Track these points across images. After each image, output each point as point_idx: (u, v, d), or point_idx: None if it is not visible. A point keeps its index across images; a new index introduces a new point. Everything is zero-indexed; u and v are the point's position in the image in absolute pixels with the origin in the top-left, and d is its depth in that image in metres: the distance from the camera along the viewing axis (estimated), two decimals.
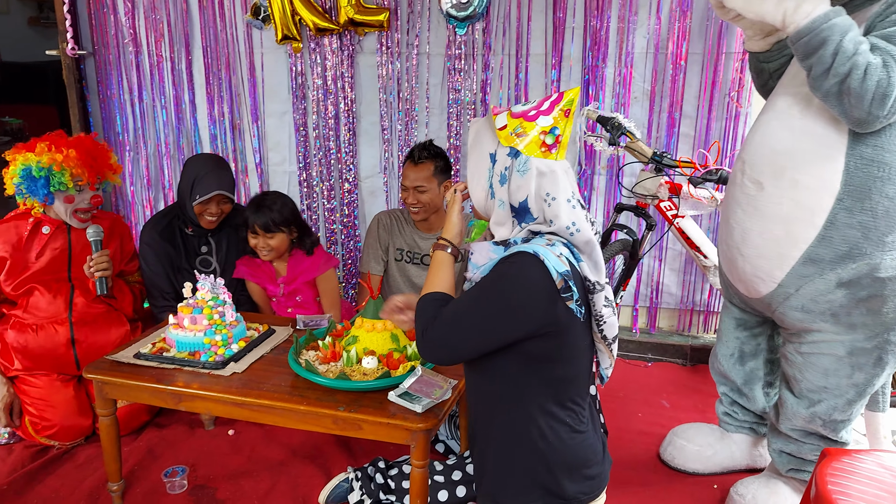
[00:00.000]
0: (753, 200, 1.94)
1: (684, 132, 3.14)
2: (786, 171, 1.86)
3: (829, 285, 1.88)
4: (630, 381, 3.14)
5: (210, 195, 2.67)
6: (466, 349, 1.48)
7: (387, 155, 3.46)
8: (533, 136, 1.45)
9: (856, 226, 1.81)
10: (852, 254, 1.84)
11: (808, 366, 2.02)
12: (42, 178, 2.49)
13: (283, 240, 2.73)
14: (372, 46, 3.33)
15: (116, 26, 3.58)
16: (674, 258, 3.33)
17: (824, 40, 1.66)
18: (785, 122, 1.88)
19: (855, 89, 1.65)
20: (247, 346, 2.27)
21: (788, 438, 2.16)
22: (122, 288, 2.77)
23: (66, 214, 2.59)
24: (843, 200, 1.81)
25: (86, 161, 2.55)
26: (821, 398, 2.03)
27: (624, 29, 3.06)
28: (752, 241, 1.97)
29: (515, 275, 1.41)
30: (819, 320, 1.94)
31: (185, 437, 2.69)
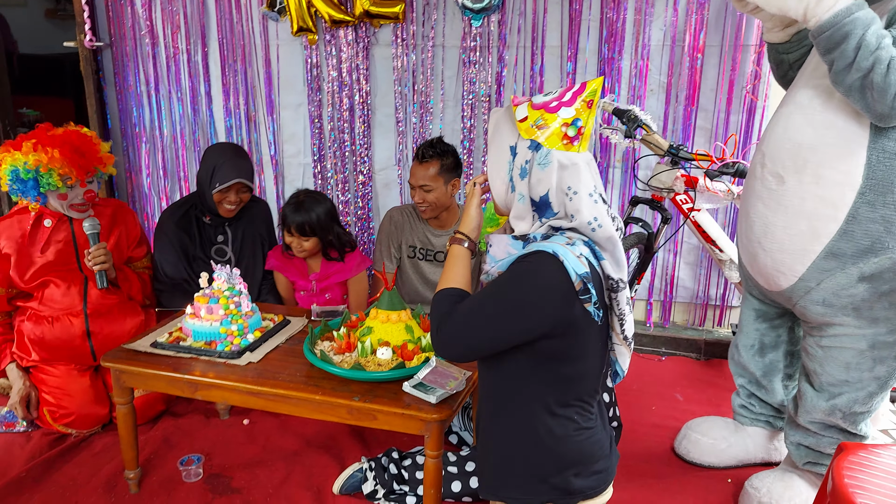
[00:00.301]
0: (775, 194, 1.94)
1: (701, 125, 3.12)
2: (808, 165, 1.85)
3: (851, 279, 1.88)
4: (644, 375, 3.13)
5: (230, 183, 2.69)
6: (480, 347, 1.47)
7: (401, 147, 3.46)
8: (554, 128, 1.43)
9: (878, 220, 1.81)
10: (874, 248, 1.83)
11: (829, 359, 2.01)
12: (30, 179, 2.47)
13: (317, 243, 2.77)
14: (387, 38, 3.33)
15: (133, 18, 3.60)
16: (689, 252, 3.31)
17: (847, 34, 1.64)
18: (807, 116, 1.87)
19: (878, 84, 1.64)
20: (262, 336, 2.28)
21: (807, 431, 2.15)
22: (128, 276, 2.76)
23: (64, 209, 2.59)
24: (865, 194, 1.80)
25: (72, 159, 2.49)
26: (841, 391, 2.02)
27: (640, 21, 3.04)
28: (774, 236, 1.97)
29: (532, 274, 1.39)
30: (841, 314, 1.94)
31: (200, 426, 2.71)
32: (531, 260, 1.41)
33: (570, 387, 1.48)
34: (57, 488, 2.36)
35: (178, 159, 3.78)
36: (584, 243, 1.45)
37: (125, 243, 2.79)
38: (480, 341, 1.46)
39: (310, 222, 2.70)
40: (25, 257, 2.60)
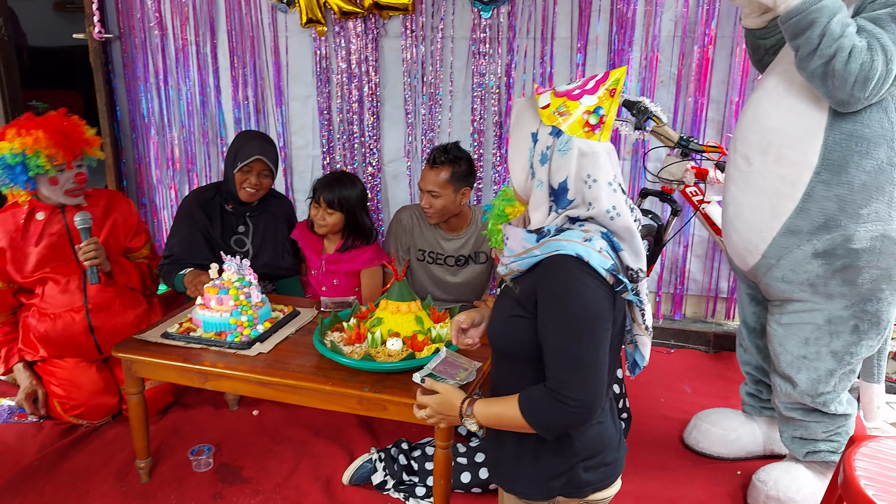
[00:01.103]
0: (744, 175, 2.02)
1: (711, 117, 3.11)
2: (772, 146, 1.94)
3: (807, 255, 1.95)
4: (653, 367, 3.12)
5: (251, 160, 2.70)
6: (602, 378, 1.41)
7: (410, 139, 3.46)
8: (577, 116, 1.42)
9: (832, 198, 1.88)
10: (828, 225, 1.91)
11: (788, 336, 2.08)
12: (18, 164, 2.45)
13: (339, 220, 2.75)
14: (396, 30, 3.32)
15: (142, 10, 3.60)
16: (698, 244, 3.30)
17: (812, 21, 1.70)
18: (773, 100, 1.95)
19: (839, 71, 1.70)
20: (272, 326, 2.29)
21: (795, 422, 2.20)
22: (125, 268, 2.73)
23: (58, 195, 2.56)
24: (820, 174, 1.87)
25: (58, 140, 2.48)
26: (799, 367, 2.08)
27: (651, 12, 3.03)
28: (742, 216, 2.05)
29: (574, 291, 1.38)
30: (798, 290, 2.01)
31: (210, 417, 2.73)
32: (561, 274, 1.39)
33: None
34: (69, 477, 2.38)
35: (187, 151, 3.78)
36: (602, 235, 1.44)
37: (121, 232, 2.75)
38: (601, 373, 1.41)
39: (340, 197, 2.71)
40: (20, 251, 2.58)
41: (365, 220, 2.81)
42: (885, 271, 1.92)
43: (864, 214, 1.87)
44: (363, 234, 2.81)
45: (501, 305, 1.59)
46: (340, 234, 2.82)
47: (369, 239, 2.83)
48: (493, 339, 1.61)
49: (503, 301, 1.59)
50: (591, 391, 1.39)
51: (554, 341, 1.41)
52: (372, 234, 2.84)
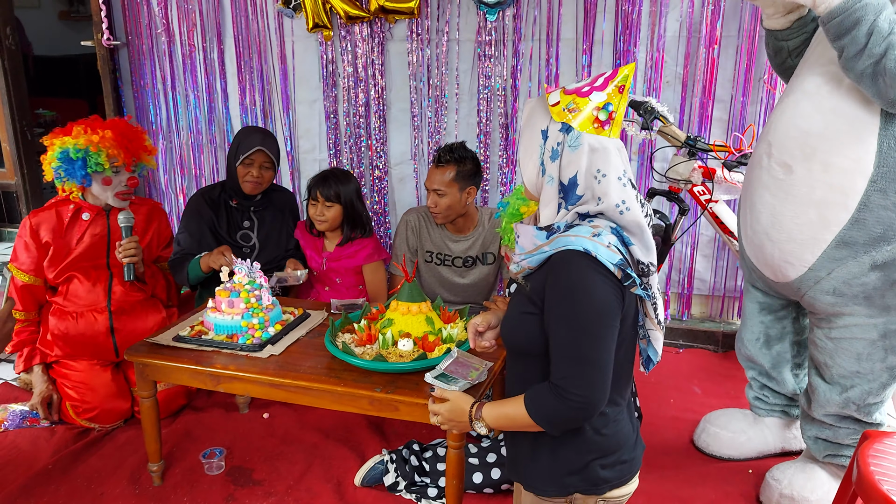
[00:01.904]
0: (783, 184, 1.92)
1: (718, 116, 3.11)
2: (817, 152, 1.84)
3: (864, 268, 1.87)
4: (662, 368, 3.12)
5: (252, 151, 2.75)
6: (605, 375, 1.41)
7: (416, 142, 3.47)
8: (587, 113, 1.43)
9: (890, 207, 1.80)
10: (887, 235, 1.82)
11: (839, 351, 2.00)
12: (79, 159, 2.52)
13: (338, 213, 2.80)
14: (402, 34, 3.33)
15: (150, 17, 3.62)
16: (705, 244, 3.30)
17: (858, 20, 1.63)
18: (815, 103, 1.85)
19: (891, 69, 1.63)
20: (283, 329, 2.30)
21: (823, 425, 2.14)
22: (155, 273, 2.81)
23: (108, 196, 2.62)
24: (876, 182, 1.79)
25: (121, 142, 2.57)
26: (854, 383, 2.00)
27: (656, 12, 3.04)
28: (782, 226, 1.94)
29: (582, 286, 1.38)
30: (852, 303, 1.92)
31: (221, 420, 2.74)
32: (570, 269, 1.40)
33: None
34: (83, 480, 2.39)
35: (195, 156, 3.80)
36: (612, 231, 1.45)
37: (156, 243, 2.83)
38: (606, 370, 1.41)
39: (336, 190, 2.77)
40: (63, 248, 2.64)
41: (362, 210, 2.87)
42: None
43: None
44: (361, 225, 2.86)
45: (515, 303, 1.60)
46: (340, 229, 2.86)
47: (367, 230, 2.88)
48: (506, 337, 1.62)
49: (516, 299, 1.60)
50: (593, 388, 1.40)
51: (559, 336, 1.42)
52: (369, 224, 2.91)
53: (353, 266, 2.86)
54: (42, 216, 2.65)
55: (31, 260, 2.64)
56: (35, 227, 2.64)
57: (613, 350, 1.43)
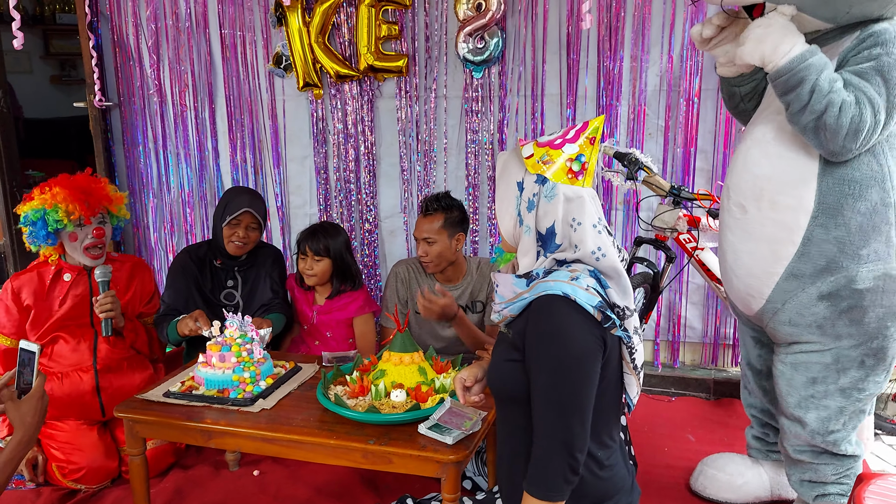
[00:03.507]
0: (740, 223, 2.05)
1: (700, 166, 3.19)
2: (765, 193, 1.97)
3: (812, 298, 1.97)
4: (654, 416, 3.12)
5: (239, 212, 2.75)
6: (586, 419, 1.44)
7: (406, 195, 3.52)
8: (560, 164, 1.48)
9: (832, 241, 1.91)
10: (830, 267, 1.93)
11: (796, 376, 2.08)
12: (39, 220, 2.51)
13: (328, 267, 2.81)
14: (391, 91, 3.42)
15: (142, 78, 3.70)
16: (694, 291, 3.33)
17: (801, 79, 1.77)
18: (763, 149, 1.99)
19: (830, 125, 1.76)
20: (274, 382, 2.28)
21: (803, 465, 2.18)
22: (136, 328, 2.75)
23: (78, 253, 2.61)
24: (817, 218, 1.91)
25: (76, 196, 2.54)
26: (808, 407, 2.07)
27: (637, 68, 3.14)
28: (742, 262, 2.08)
29: (560, 331, 1.41)
30: (806, 332, 2.02)
31: (210, 477, 2.69)
32: (549, 312, 1.42)
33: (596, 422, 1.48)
34: None
35: (185, 214, 3.83)
36: (590, 274, 1.48)
37: (138, 298, 2.81)
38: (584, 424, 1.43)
39: (325, 243, 2.78)
40: (45, 310, 2.61)
41: (352, 263, 2.88)
42: (889, 309, 1.94)
43: (863, 255, 1.91)
44: (351, 277, 2.87)
45: (499, 351, 1.62)
46: (330, 282, 2.86)
47: (356, 283, 2.89)
48: (492, 385, 1.63)
49: (500, 346, 1.62)
50: (572, 431, 1.41)
51: (538, 381, 1.44)
52: (359, 277, 2.91)
53: (344, 318, 2.86)
54: (23, 279, 2.63)
55: (13, 323, 2.62)
56: (17, 290, 2.61)
57: (593, 394, 1.44)
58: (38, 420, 1.76)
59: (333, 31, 3.38)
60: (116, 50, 3.71)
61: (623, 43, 3.13)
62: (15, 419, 1.73)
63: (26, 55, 7.05)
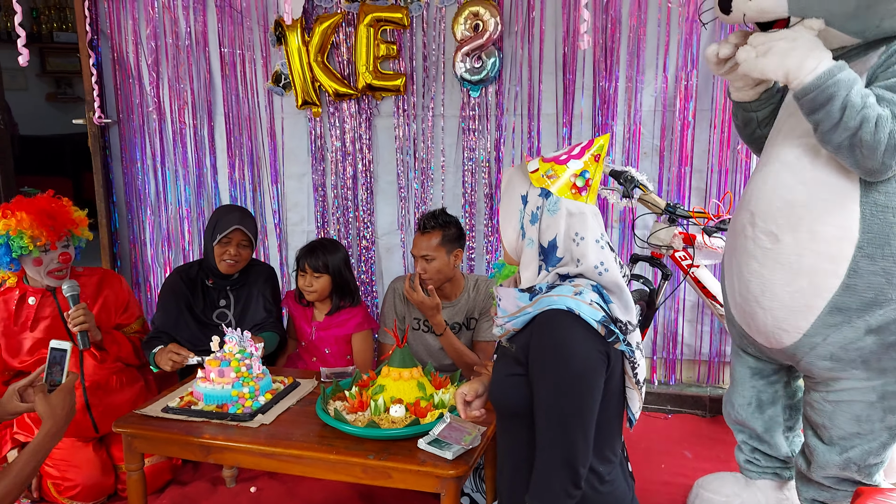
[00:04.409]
0: (771, 253, 1.94)
1: (695, 185, 3.22)
2: (803, 221, 1.87)
3: (859, 333, 1.88)
4: (651, 433, 3.12)
5: (230, 230, 2.75)
6: (588, 434, 1.45)
7: (403, 212, 3.55)
8: (565, 179, 1.50)
9: (879, 272, 1.82)
10: (878, 300, 1.84)
11: (838, 413, 1.99)
12: (2, 246, 2.48)
13: (327, 283, 2.81)
14: (389, 109, 3.45)
15: (141, 96, 3.73)
16: (689, 309, 3.35)
17: (831, 96, 1.69)
18: (796, 174, 1.89)
19: (867, 141, 1.68)
20: (273, 398, 2.29)
21: (821, 487, 2.12)
22: (116, 339, 2.71)
23: (41, 276, 2.57)
24: (863, 248, 1.82)
25: (41, 221, 2.50)
26: (854, 444, 2.00)
27: (632, 88, 3.18)
28: (774, 294, 1.96)
29: (565, 346, 1.42)
30: (849, 368, 1.93)
31: (207, 494, 2.68)
32: (553, 327, 1.44)
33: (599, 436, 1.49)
34: None
35: (182, 231, 3.84)
36: (593, 289, 1.50)
37: (112, 307, 2.76)
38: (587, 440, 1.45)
39: (324, 260, 2.79)
40: (14, 338, 2.58)
41: (350, 279, 2.89)
42: None
43: None
44: (350, 293, 2.87)
45: (500, 366, 1.63)
46: (329, 298, 2.86)
47: (355, 299, 2.89)
48: (494, 399, 1.64)
49: (502, 361, 1.63)
50: (574, 446, 1.42)
51: (541, 395, 1.45)
52: (358, 294, 2.92)
53: (343, 335, 2.86)
54: None
55: None
56: None
57: (596, 409, 1.45)
58: (68, 413, 1.85)
59: (332, 51, 3.42)
60: (116, 67, 3.73)
61: (619, 64, 3.17)
62: (45, 411, 1.81)
63: (22, 73, 7.09)
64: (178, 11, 3.58)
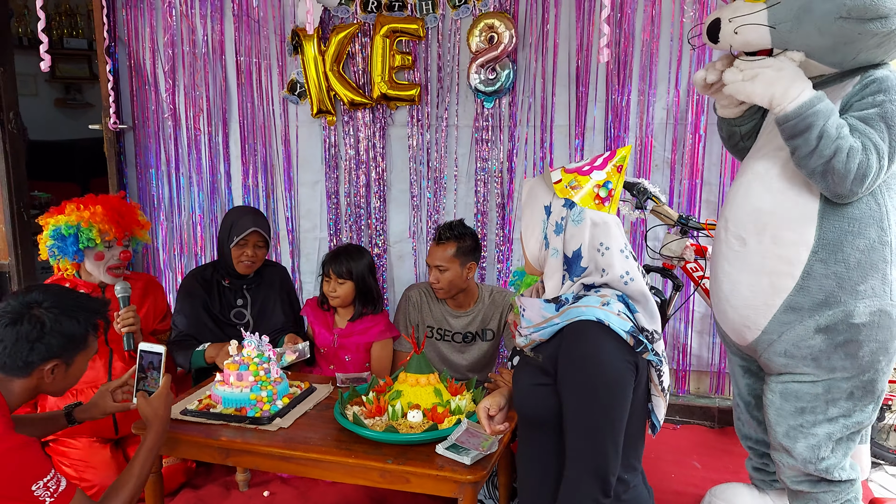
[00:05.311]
0: (739, 255, 2.09)
1: (706, 199, 3.26)
2: (767, 227, 2.02)
3: (809, 331, 2.00)
4: (660, 443, 3.14)
5: (247, 233, 2.79)
6: (619, 443, 1.47)
7: (416, 220, 3.58)
8: (588, 189, 1.53)
9: (831, 276, 1.95)
10: (829, 301, 1.97)
11: (784, 406, 2.11)
12: (71, 236, 2.56)
13: (350, 290, 2.82)
14: (403, 119, 3.49)
15: (157, 102, 3.76)
16: (699, 320, 3.38)
17: (810, 125, 1.82)
18: (765, 184, 2.04)
19: (839, 170, 1.82)
20: (291, 402, 2.31)
21: (803, 495, 2.19)
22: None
23: (100, 272, 2.65)
24: (817, 253, 1.95)
25: (112, 217, 2.61)
26: (796, 437, 2.10)
27: (644, 101, 3.23)
28: (740, 293, 2.11)
29: (595, 356, 1.45)
30: (801, 364, 2.05)
31: (221, 498, 2.69)
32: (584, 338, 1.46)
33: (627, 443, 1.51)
34: None
35: (195, 236, 3.87)
36: (619, 298, 1.52)
37: (152, 315, 2.84)
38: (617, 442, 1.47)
39: (348, 267, 2.80)
40: None
41: (374, 287, 2.90)
42: (882, 344, 1.99)
43: (861, 291, 1.95)
44: (372, 301, 2.88)
45: (524, 375, 1.64)
46: (352, 305, 2.88)
47: (378, 307, 2.90)
48: (520, 409, 1.65)
49: (525, 370, 1.64)
50: (606, 456, 1.44)
51: (572, 406, 1.47)
52: (381, 301, 2.93)
53: (365, 342, 2.87)
54: None
55: None
56: None
57: (625, 418, 1.47)
58: (168, 413, 2.02)
59: (348, 60, 3.47)
60: (132, 74, 3.77)
61: (631, 77, 3.22)
62: (148, 414, 1.97)
63: (32, 78, 7.12)
64: (195, 20, 3.62)
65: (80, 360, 1.92)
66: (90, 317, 1.92)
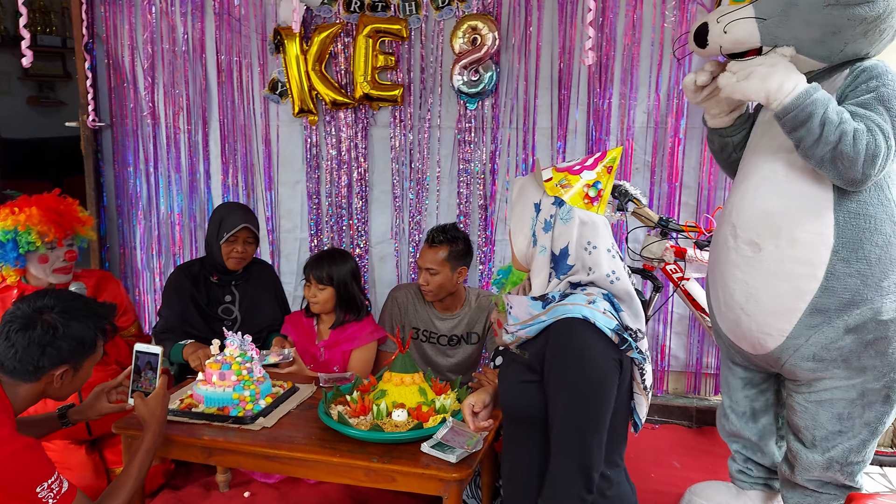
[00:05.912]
0: (753, 261, 2.05)
1: (685, 201, 3.30)
2: (782, 230, 2.00)
3: (838, 332, 1.99)
4: (639, 443, 3.16)
5: (237, 229, 2.77)
6: (602, 439, 1.48)
7: (398, 221, 3.58)
8: (578, 188, 1.55)
9: (854, 274, 1.95)
10: (855, 300, 1.96)
11: (821, 413, 2.08)
12: (9, 241, 2.48)
13: (331, 296, 2.73)
14: (385, 120, 3.49)
15: (136, 100, 3.72)
16: (678, 321, 3.42)
17: (810, 114, 1.82)
18: (774, 186, 2.03)
19: (847, 153, 1.81)
20: (273, 401, 2.29)
21: (805, 491, 2.19)
22: (116, 343, 2.72)
23: (46, 274, 2.58)
24: (838, 252, 1.95)
25: (50, 217, 2.52)
26: (836, 443, 2.09)
27: (625, 105, 3.26)
28: (758, 300, 2.06)
29: (582, 354, 1.46)
30: (831, 367, 2.03)
31: (201, 499, 2.66)
32: (570, 335, 1.47)
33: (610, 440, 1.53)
34: None
35: (173, 236, 3.82)
36: (604, 297, 1.54)
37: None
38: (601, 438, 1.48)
39: (328, 271, 2.71)
40: None
41: (357, 294, 2.80)
42: None
43: (885, 287, 1.95)
44: (355, 308, 2.78)
45: (510, 373, 1.65)
46: (333, 312, 2.81)
47: (359, 314, 2.80)
48: (506, 407, 1.66)
49: (511, 368, 1.65)
50: (590, 452, 1.46)
51: (558, 403, 1.48)
52: (362, 309, 2.82)
53: (352, 350, 2.79)
54: None
55: None
56: None
57: (609, 415, 1.49)
58: (164, 414, 2.01)
59: (330, 60, 3.46)
60: (110, 71, 3.73)
61: (612, 81, 3.25)
62: (146, 414, 1.96)
63: (5, 76, 7.00)
64: (175, 18, 3.59)
65: (87, 365, 1.94)
66: (99, 321, 1.93)
